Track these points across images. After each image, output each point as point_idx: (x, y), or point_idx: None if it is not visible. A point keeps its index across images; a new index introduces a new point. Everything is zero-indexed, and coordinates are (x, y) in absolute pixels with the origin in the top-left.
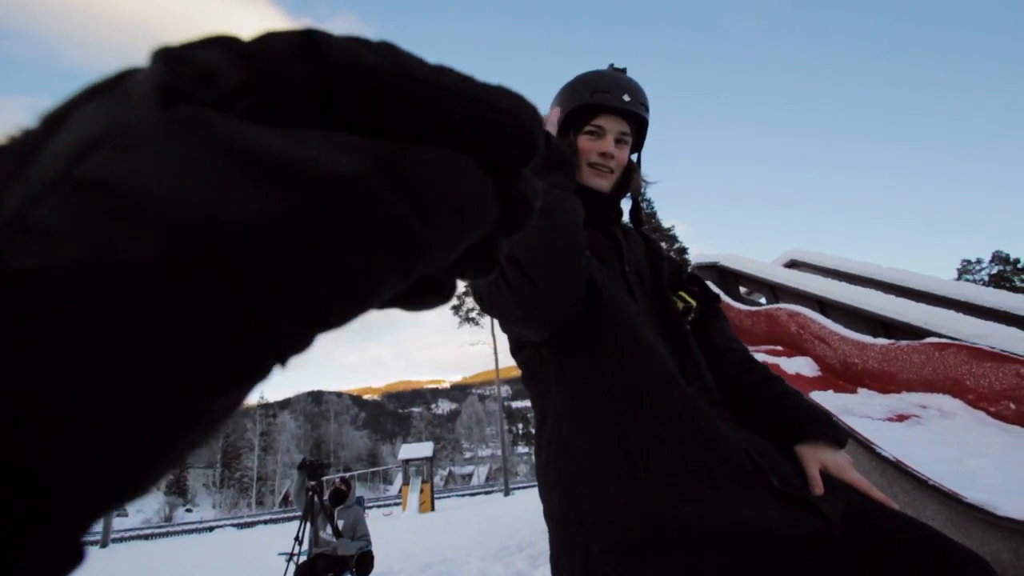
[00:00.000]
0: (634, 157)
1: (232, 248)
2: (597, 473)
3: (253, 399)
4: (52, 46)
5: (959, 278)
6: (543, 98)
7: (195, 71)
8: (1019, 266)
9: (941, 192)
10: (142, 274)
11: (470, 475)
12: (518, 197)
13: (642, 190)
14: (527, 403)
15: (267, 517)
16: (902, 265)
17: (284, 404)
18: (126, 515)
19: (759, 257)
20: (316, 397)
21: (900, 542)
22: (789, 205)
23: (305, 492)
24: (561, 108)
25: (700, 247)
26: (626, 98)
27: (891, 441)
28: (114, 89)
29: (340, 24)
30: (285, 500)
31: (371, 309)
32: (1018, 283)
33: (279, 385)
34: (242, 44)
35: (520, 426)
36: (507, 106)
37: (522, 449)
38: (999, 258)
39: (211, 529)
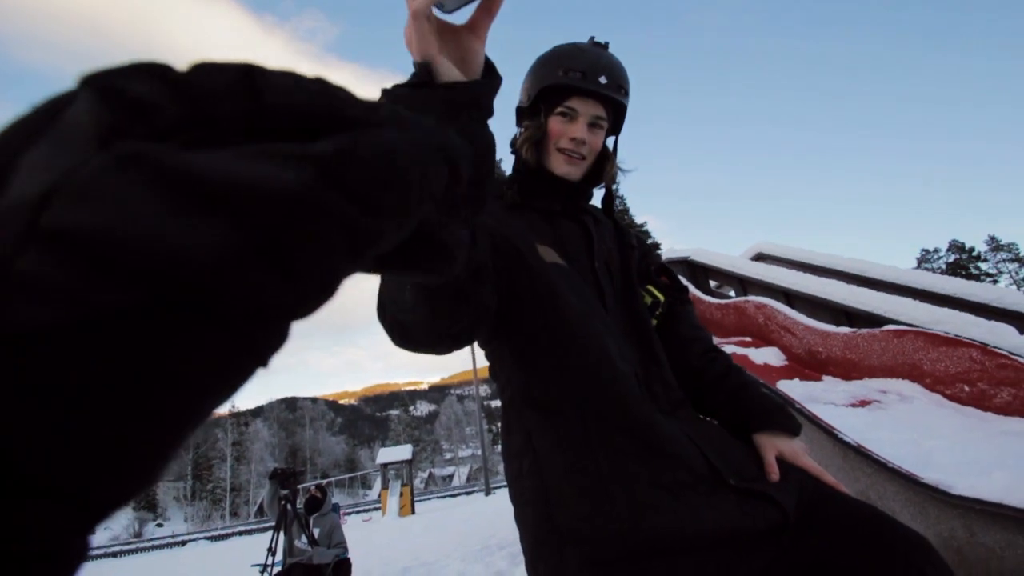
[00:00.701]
0: (610, 142)
1: (203, 279)
2: (571, 491)
3: (224, 409)
4: (4, 46)
5: (918, 266)
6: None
7: (131, 105)
8: (973, 254)
9: (902, 183)
10: (123, 317)
11: (451, 476)
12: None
13: (616, 179)
14: None
15: (242, 528)
16: (865, 254)
17: (257, 412)
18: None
19: (729, 249)
20: (290, 404)
21: (849, 524)
22: (757, 198)
23: (278, 501)
24: (532, 82)
25: (672, 242)
26: (603, 80)
27: (854, 426)
28: (52, 125)
29: (306, 21)
30: (260, 511)
31: (335, 292)
32: (973, 270)
33: (251, 393)
34: (177, 75)
35: (499, 425)
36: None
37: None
38: (955, 247)
39: (183, 543)
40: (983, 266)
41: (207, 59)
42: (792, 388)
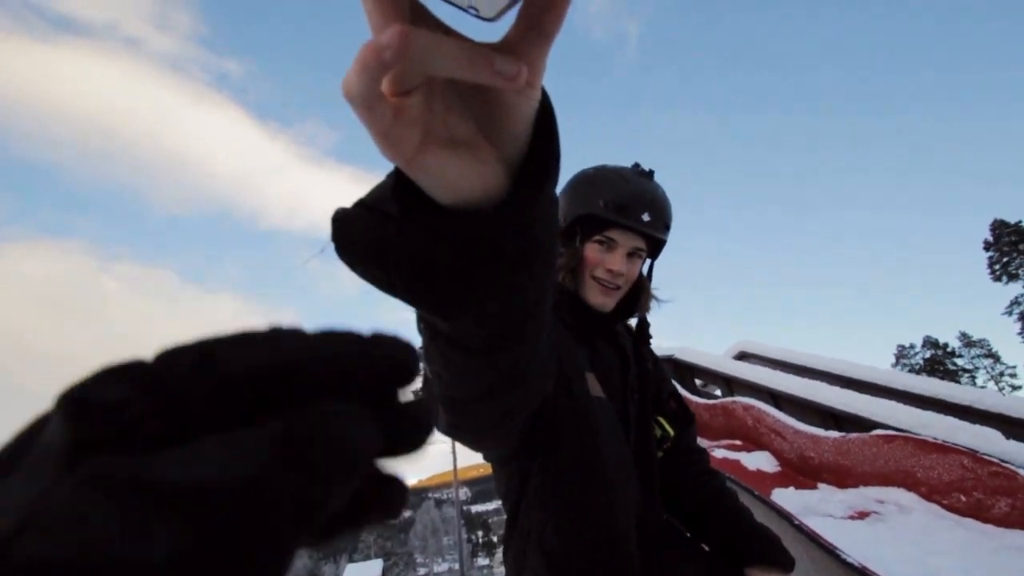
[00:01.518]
0: (645, 267)
1: None
2: None
3: None
4: (6, 140)
5: (896, 362)
6: None
7: (98, 413)
8: (948, 350)
9: (876, 279)
10: None
11: None
12: (408, 422)
13: (650, 309)
14: (488, 506)
15: None
16: (843, 347)
17: None
18: None
19: (710, 343)
20: None
21: None
22: (737, 292)
23: None
24: (570, 205)
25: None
26: (645, 218)
27: (855, 542)
28: (28, 450)
29: (308, 128)
30: None
31: (289, 562)
32: (950, 366)
33: None
34: (146, 368)
35: (480, 534)
36: (382, 354)
37: (482, 561)
38: (930, 343)
39: None
40: (959, 362)
41: (170, 345)
42: (788, 498)
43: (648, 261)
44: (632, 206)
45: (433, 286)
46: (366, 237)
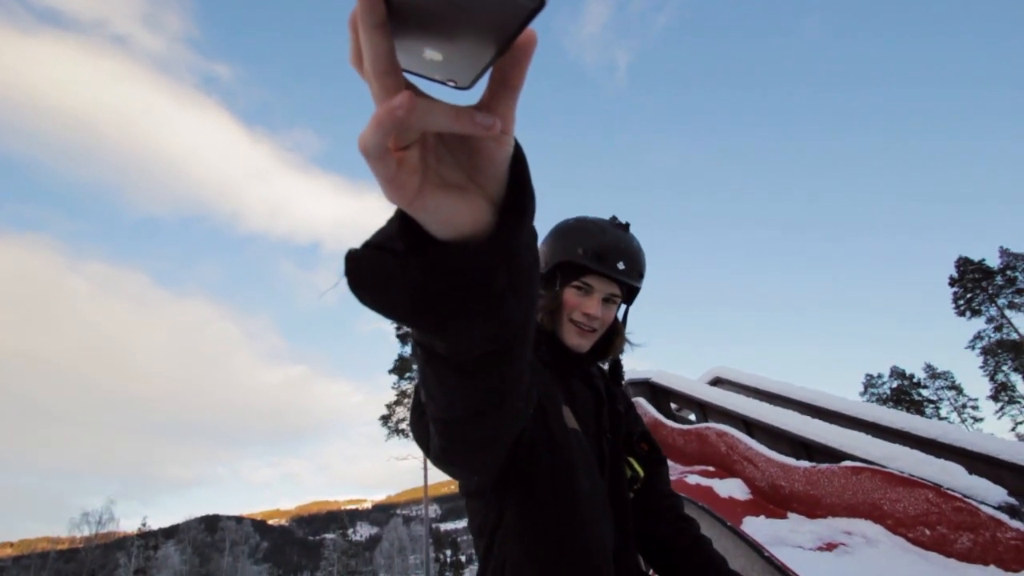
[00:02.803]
0: (620, 313)
1: None
2: None
3: (133, 525)
4: None
5: (865, 391)
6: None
7: None
8: (914, 380)
9: (849, 308)
10: None
11: None
12: None
13: (623, 351)
14: (458, 524)
15: None
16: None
17: (171, 532)
18: None
19: (684, 369)
20: (211, 523)
21: None
22: (713, 318)
23: None
24: (551, 252)
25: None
26: (620, 266)
27: (823, 574)
28: None
29: (295, 135)
30: None
31: None
32: (916, 396)
33: (167, 508)
34: None
35: (448, 553)
36: None
37: None
38: (897, 373)
39: None
40: (924, 392)
41: None
42: (759, 527)
43: (623, 307)
44: (609, 255)
45: (433, 310)
46: (374, 272)
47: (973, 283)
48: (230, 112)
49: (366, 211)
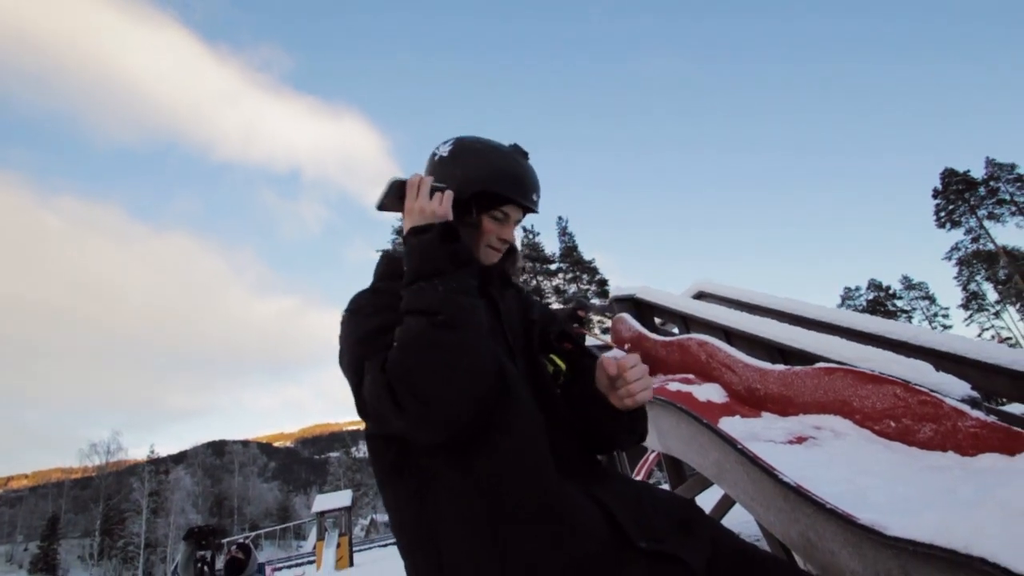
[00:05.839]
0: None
1: None
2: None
3: (141, 453)
4: None
5: (842, 303)
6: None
7: None
8: (890, 292)
9: (831, 223)
10: None
11: None
12: None
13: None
14: None
15: None
16: (797, 288)
17: (179, 458)
18: None
19: (670, 284)
20: (218, 448)
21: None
22: (698, 234)
23: (194, 564)
24: (465, 177)
25: (619, 278)
26: (534, 197)
27: (792, 464)
28: None
29: (263, 52)
30: (176, 573)
31: None
32: (890, 307)
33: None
34: None
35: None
36: None
37: None
38: (874, 285)
39: None
40: (899, 303)
41: None
42: (734, 426)
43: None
44: (527, 188)
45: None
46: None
47: (956, 194)
48: (188, 27)
49: (345, 135)
